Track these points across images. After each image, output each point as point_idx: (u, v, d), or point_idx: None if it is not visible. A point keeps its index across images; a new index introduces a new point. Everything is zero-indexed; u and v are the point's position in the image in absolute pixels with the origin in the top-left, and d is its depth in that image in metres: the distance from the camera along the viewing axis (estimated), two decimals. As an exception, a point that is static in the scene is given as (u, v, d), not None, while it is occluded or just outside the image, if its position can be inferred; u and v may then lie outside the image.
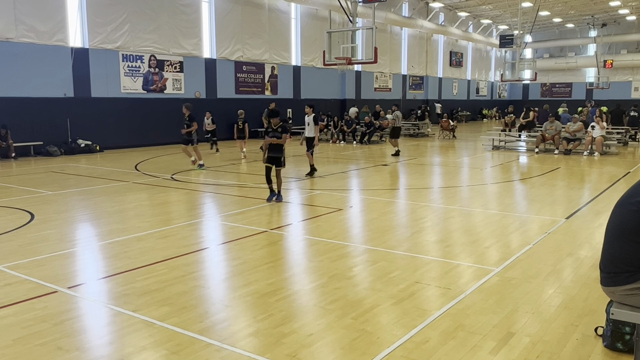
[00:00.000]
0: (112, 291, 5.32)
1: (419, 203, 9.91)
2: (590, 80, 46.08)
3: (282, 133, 9.55)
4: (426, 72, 40.28)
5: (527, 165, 16.50)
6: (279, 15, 27.08)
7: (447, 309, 4.76)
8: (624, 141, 21.46)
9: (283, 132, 9.55)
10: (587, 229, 7.87)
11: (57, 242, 7.12)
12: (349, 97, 32.11)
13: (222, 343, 4.12)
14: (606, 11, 40.01)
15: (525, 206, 9.85)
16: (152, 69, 21.59)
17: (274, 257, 6.44)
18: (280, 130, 9.54)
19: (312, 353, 3.97)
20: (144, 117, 21.20)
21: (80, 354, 3.97)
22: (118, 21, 20.13)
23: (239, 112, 17.31)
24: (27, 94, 17.73)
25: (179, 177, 13.06)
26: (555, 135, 18.85)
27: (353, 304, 4.89)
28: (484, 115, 47.76)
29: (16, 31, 17.41)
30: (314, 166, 13.65)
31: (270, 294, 5.15)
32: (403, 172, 14.72)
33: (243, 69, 25.47)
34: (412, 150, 20.62)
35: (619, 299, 3.59)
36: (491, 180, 13.27)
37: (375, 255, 6.53)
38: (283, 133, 9.55)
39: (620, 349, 3.97)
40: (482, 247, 6.90)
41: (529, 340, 4.17)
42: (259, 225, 8.04)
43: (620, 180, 12.62)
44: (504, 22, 44.63)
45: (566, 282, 5.53)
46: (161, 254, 6.49)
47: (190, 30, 22.90)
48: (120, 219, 8.53)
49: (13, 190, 11.18)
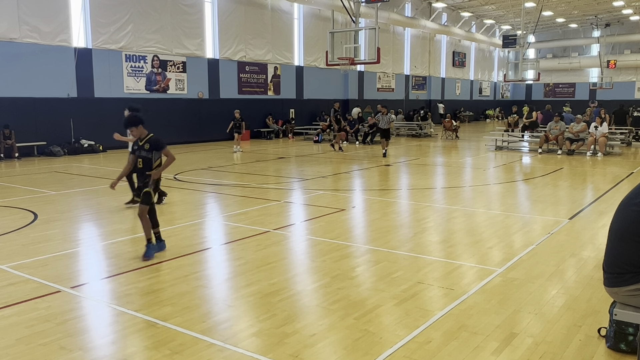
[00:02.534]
0: (115, 291, 5.33)
1: (421, 203, 9.90)
2: (594, 81, 46.00)
3: (153, 150, 6.34)
4: (429, 72, 40.24)
5: (530, 165, 16.46)
6: (282, 16, 27.09)
7: (449, 310, 4.76)
8: (627, 141, 21.40)
9: (154, 150, 6.34)
10: (590, 230, 7.84)
11: (60, 242, 7.14)
12: (352, 97, 32.11)
13: (224, 343, 4.12)
14: (609, 11, 39.90)
15: (528, 206, 9.83)
16: (155, 69, 21.63)
17: (276, 257, 6.44)
18: (148, 148, 6.34)
19: (315, 353, 3.97)
20: (146, 117, 21.00)
21: (83, 354, 3.98)
22: (121, 21, 20.17)
23: (235, 111, 19.21)
24: (30, 94, 17.78)
25: (181, 177, 13.07)
26: (559, 136, 18.82)
27: (356, 304, 4.89)
28: (487, 116, 47.70)
29: (20, 31, 17.46)
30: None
31: (273, 294, 5.15)
32: (406, 172, 14.71)
33: (246, 69, 25.49)
34: (415, 151, 20.61)
35: (622, 300, 3.58)
36: (494, 180, 13.24)
37: (378, 255, 6.52)
38: (154, 150, 6.34)
39: (623, 350, 3.95)
40: (485, 247, 6.88)
41: (531, 341, 4.16)
42: (262, 225, 8.04)
43: (623, 180, 12.59)
44: (507, 22, 44.54)
45: (569, 282, 5.52)
46: (164, 254, 6.49)
47: (193, 30, 22.93)
48: (123, 219, 8.54)
49: (16, 190, 11.21)
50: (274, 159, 17.72)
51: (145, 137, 6.38)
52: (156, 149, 6.33)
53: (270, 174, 13.98)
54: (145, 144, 6.34)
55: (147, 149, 6.32)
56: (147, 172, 6.32)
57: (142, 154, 6.35)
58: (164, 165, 6.40)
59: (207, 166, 15.37)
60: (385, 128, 18.03)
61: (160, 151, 6.37)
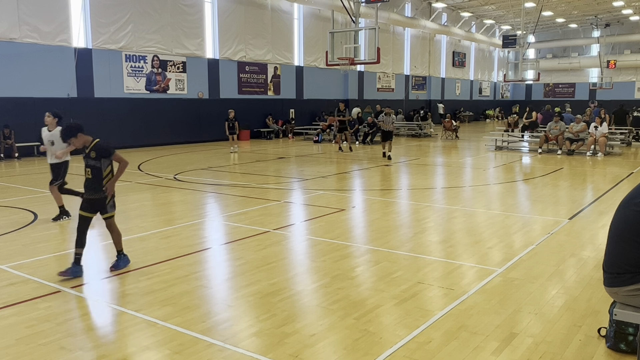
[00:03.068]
0: (115, 291, 5.33)
1: (421, 203, 9.90)
2: (594, 81, 46.01)
3: (101, 157, 5.73)
4: (429, 73, 40.25)
5: (530, 165, 16.47)
6: (282, 16, 27.09)
7: (449, 310, 4.76)
8: (627, 141, 21.40)
9: (102, 157, 5.73)
10: (590, 230, 7.85)
11: (60, 242, 7.14)
12: (352, 97, 32.11)
13: (224, 343, 4.12)
14: (609, 11, 39.91)
15: (528, 207, 9.83)
16: (155, 69, 21.63)
17: (276, 257, 6.44)
18: (95, 156, 5.72)
19: (315, 353, 3.97)
20: (147, 117, 21.26)
21: (83, 354, 3.98)
22: (121, 21, 20.18)
23: (229, 111, 19.40)
24: (30, 94, 17.78)
25: (181, 177, 13.07)
26: (559, 136, 18.82)
27: (356, 304, 4.89)
28: (487, 116, 47.71)
29: (20, 31, 17.46)
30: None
31: (273, 294, 5.15)
32: (405, 172, 14.71)
33: (246, 69, 25.49)
34: (415, 151, 20.61)
35: (622, 300, 3.59)
36: (494, 180, 13.24)
37: (378, 255, 6.52)
38: (102, 157, 5.73)
39: (623, 350, 3.95)
40: (485, 247, 6.88)
41: (531, 341, 4.16)
42: (262, 225, 8.04)
43: (623, 180, 12.59)
44: (506, 23, 44.55)
45: (569, 282, 5.52)
46: (164, 254, 6.50)
47: (193, 30, 22.94)
48: (123, 219, 8.53)
49: (16, 190, 11.22)
50: (274, 159, 17.72)
51: (90, 145, 5.72)
52: (104, 156, 5.72)
53: (270, 174, 13.98)
54: (91, 151, 5.70)
55: (93, 157, 5.70)
56: (97, 182, 5.72)
57: (90, 163, 5.73)
58: (118, 173, 5.84)
59: (207, 166, 15.37)
60: (388, 130, 17.32)
61: (110, 158, 5.78)
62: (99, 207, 5.85)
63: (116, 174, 5.85)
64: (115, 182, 5.84)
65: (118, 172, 5.84)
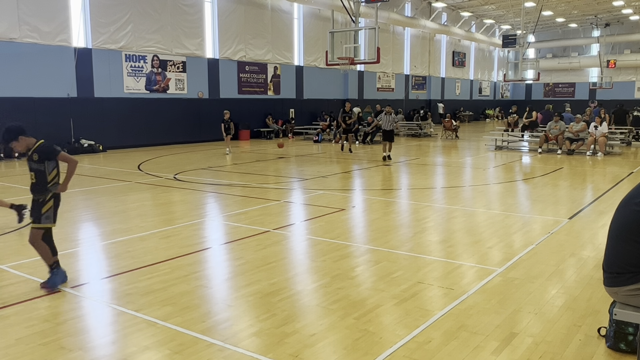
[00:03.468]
0: (115, 291, 5.33)
1: (421, 203, 9.90)
2: (594, 80, 46.02)
3: (45, 160, 5.33)
4: (429, 72, 40.24)
5: (530, 165, 16.47)
6: (282, 16, 27.09)
7: (449, 309, 4.76)
8: (627, 141, 21.40)
9: (45, 160, 5.33)
10: (590, 229, 7.85)
11: (60, 242, 7.11)
12: (352, 97, 32.09)
13: (224, 343, 4.13)
14: (609, 11, 39.91)
15: (528, 206, 9.83)
16: (155, 69, 21.63)
17: (276, 257, 6.44)
18: (38, 159, 5.31)
19: (315, 353, 3.97)
20: (146, 117, 21.25)
21: (83, 354, 3.98)
22: (121, 21, 20.17)
23: (225, 112, 19.10)
24: (30, 94, 17.78)
25: (181, 177, 13.07)
26: (558, 135, 18.82)
27: (355, 304, 4.89)
28: (487, 115, 47.71)
29: (19, 31, 17.46)
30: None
31: (273, 294, 5.16)
32: (405, 172, 14.71)
33: (246, 69, 25.49)
34: (415, 150, 20.61)
35: (622, 300, 3.59)
36: (494, 180, 13.25)
37: (378, 255, 6.52)
38: (45, 160, 5.33)
39: (623, 350, 3.96)
40: (485, 247, 6.89)
41: (531, 340, 4.16)
42: (262, 225, 8.04)
43: (623, 180, 12.59)
44: (506, 22, 44.53)
45: (569, 282, 5.52)
46: (164, 254, 6.50)
47: (193, 30, 22.93)
48: (123, 219, 8.54)
49: (16, 190, 11.21)
50: (274, 158, 17.72)
51: (33, 147, 5.33)
52: (48, 159, 5.31)
53: (270, 174, 13.99)
54: (34, 154, 5.29)
55: (36, 160, 5.29)
56: (42, 187, 5.31)
57: (33, 167, 5.30)
58: (68, 174, 5.39)
59: (207, 166, 15.37)
60: (389, 129, 16.92)
61: (54, 160, 5.37)
62: (34, 212, 5.34)
63: (67, 175, 5.41)
64: (67, 184, 5.46)
65: (68, 174, 5.40)
